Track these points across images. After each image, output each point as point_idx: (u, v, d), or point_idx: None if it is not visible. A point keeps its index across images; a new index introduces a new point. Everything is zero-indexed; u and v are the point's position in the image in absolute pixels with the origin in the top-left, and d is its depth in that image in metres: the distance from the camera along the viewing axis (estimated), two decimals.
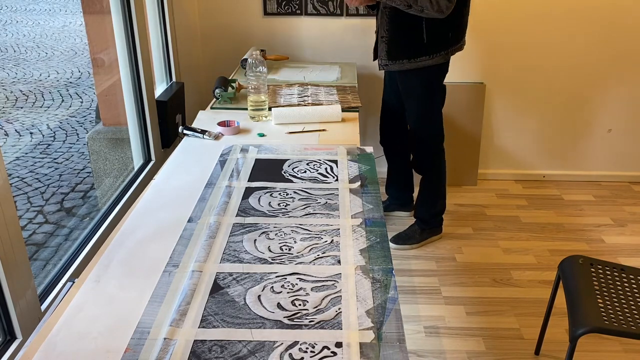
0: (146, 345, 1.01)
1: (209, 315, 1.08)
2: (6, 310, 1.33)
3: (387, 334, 1.03)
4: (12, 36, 8.04)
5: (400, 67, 2.35)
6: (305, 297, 1.14)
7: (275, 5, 3.00)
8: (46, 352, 1.00)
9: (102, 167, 3.06)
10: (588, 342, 2.09)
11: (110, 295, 1.14)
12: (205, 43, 3.11)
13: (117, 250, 1.29)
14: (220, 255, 1.27)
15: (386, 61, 2.38)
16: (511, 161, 3.39)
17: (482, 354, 2.07)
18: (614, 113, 3.23)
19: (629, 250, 2.71)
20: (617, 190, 3.30)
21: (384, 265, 1.24)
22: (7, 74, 6.01)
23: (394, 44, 2.33)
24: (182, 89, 2.65)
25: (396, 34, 2.31)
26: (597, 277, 1.79)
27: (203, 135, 1.94)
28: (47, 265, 2.68)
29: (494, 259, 2.63)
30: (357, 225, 1.40)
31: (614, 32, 3.03)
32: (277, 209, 1.47)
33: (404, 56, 2.32)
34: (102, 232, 1.91)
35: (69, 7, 10.49)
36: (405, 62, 2.33)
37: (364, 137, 3.32)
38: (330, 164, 1.74)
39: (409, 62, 2.32)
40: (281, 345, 1.01)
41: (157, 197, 1.54)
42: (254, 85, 2.07)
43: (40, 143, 4.16)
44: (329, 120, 2.10)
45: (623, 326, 1.57)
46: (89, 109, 4.96)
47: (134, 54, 2.22)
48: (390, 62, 2.36)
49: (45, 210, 3.19)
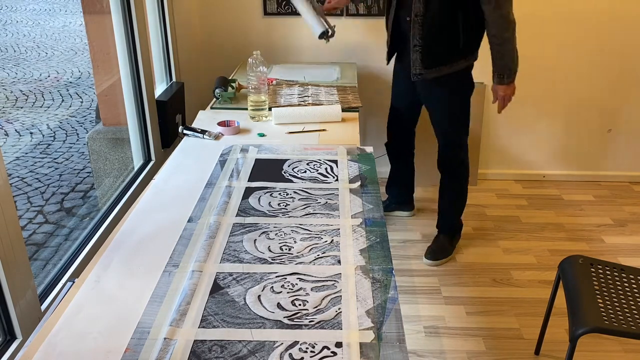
0: (146, 345, 1.01)
1: (209, 315, 1.08)
2: (6, 310, 1.32)
3: (387, 334, 1.03)
4: (12, 36, 8.04)
5: (437, 74, 2.26)
6: (305, 297, 1.14)
7: (275, 5, 3.00)
8: (46, 352, 1.00)
9: (102, 167, 3.06)
10: (588, 342, 2.09)
11: (110, 295, 1.14)
12: (205, 43, 3.11)
13: (117, 250, 1.29)
14: (220, 255, 1.27)
15: (421, 70, 2.26)
16: (511, 161, 3.39)
17: (482, 354, 2.07)
18: (614, 113, 3.23)
19: (629, 250, 2.71)
20: (617, 190, 3.30)
21: (384, 265, 1.24)
22: (7, 74, 6.01)
23: (429, 52, 2.23)
24: (182, 89, 2.65)
25: (433, 42, 2.22)
26: (597, 277, 1.79)
27: (203, 135, 1.94)
28: (47, 265, 2.68)
29: (494, 259, 2.63)
30: (357, 225, 1.40)
31: (614, 33, 3.03)
32: (277, 209, 1.47)
33: (440, 63, 2.24)
34: (102, 232, 1.91)
35: (69, 7, 10.48)
36: (443, 69, 2.25)
37: (364, 137, 3.32)
38: (330, 164, 1.74)
39: (445, 67, 2.25)
40: (281, 345, 1.01)
41: (157, 197, 1.54)
42: (254, 85, 2.07)
43: (40, 143, 4.16)
44: (329, 120, 2.10)
45: (623, 326, 1.57)
46: (89, 109, 4.96)
47: (134, 54, 2.22)
48: (426, 71, 2.26)
49: (45, 210, 3.19)
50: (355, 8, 2.97)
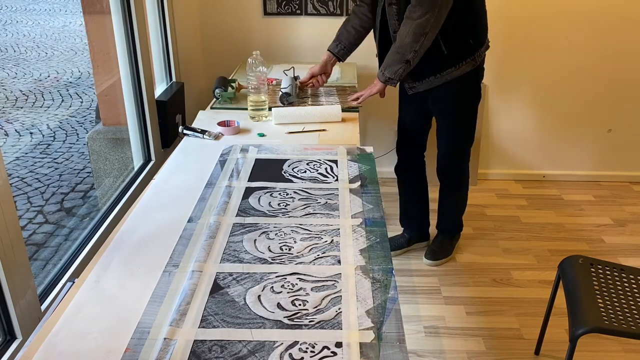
0: (146, 345, 1.01)
1: (209, 315, 1.08)
2: (6, 310, 1.32)
3: (387, 334, 1.03)
4: (12, 36, 8.04)
5: (429, 85, 2.20)
6: (305, 297, 1.14)
7: (275, 5, 3.00)
8: (46, 352, 1.00)
9: (102, 167, 3.06)
10: (588, 342, 2.09)
11: (110, 295, 1.14)
12: (205, 43, 3.11)
13: (117, 250, 1.29)
14: (220, 255, 1.27)
15: (412, 83, 2.23)
16: (511, 161, 3.39)
17: (482, 354, 2.07)
18: (614, 113, 3.23)
19: (629, 250, 2.71)
20: (617, 190, 3.30)
21: (384, 265, 1.24)
22: (7, 74, 6.01)
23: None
24: (182, 89, 2.65)
25: None
26: (597, 277, 1.79)
27: (203, 135, 1.94)
28: (47, 265, 2.68)
29: (494, 259, 2.63)
30: (357, 225, 1.40)
31: (614, 33, 3.03)
32: (277, 209, 1.47)
33: (429, 73, 2.18)
34: (102, 232, 1.91)
35: (69, 7, 10.49)
36: (432, 79, 2.18)
37: (364, 137, 3.32)
38: (330, 164, 1.74)
39: (435, 78, 2.18)
40: (281, 345, 1.01)
41: (157, 197, 1.54)
42: (253, 85, 2.07)
43: (40, 143, 4.16)
44: (329, 120, 2.10)
45: (623, 326, 1.57)
46: (89, 109, 4.96)
47: (134, 54, 2.22)
48: (417, 83, 2.22)
49: (45, 210, 3.19)
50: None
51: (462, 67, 2.16)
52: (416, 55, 2.06)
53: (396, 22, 2.09)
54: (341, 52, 2.30)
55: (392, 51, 2.09)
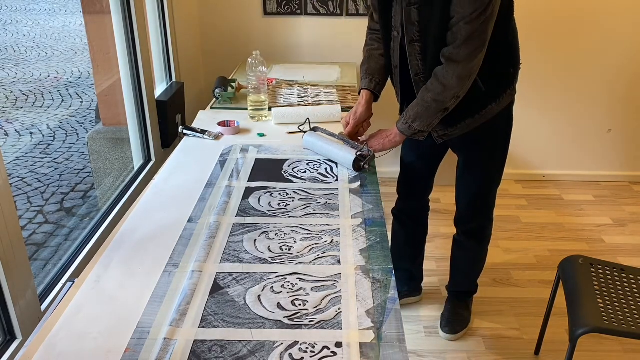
0: (146, 345, 1.01)
1: (209, 315, 1.08)
2: (6, 310, 1.32)
3: (387, 334, 1.03)
4: (12, 36, 8.04)
5: (464, 129, 1.80)
6: (305, 297, 1.14)
7: (275, 5, 3.00)
8: (46, 352, 1.00)
9: (102, 167, 3.06)
10: (588, 342, 2.09)
11: (110, 295, 1.14)
12: (205, 43, 3.11)
13: (117, 250, 1.29)
14: (220, 255, 1.27)
15: (444, 131, 1.82)
16: (511, 161, 3.38)
17: (482, 354, 2.07)
18: (614, 113, 3.23)
19: (629, 250, 2.71)
20: (617, 190, 3.30)
21: (384, 265, 1.24)
22: (7, 74, 6.01)
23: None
24: (182, 89, 2.65)
25: None
26: (597, 277, 1.79)
27: (203, 135, 1.94)
28: (47, 265, 2.68)
29: (494, 259, 2.63)
30: (357, 225, 1.40)
31: (614, 33, 3.03)
32: (277, 209, 1.47)
33: (465, 116, 1.77)
34: (102, 232, 1.91)
35: (69, 7, 10.48)
36: (470, 122, 1.78)
37: None
38: (330, 164, 1.74)
39: (473, 120, 1.78)
40: (281, 345, 1.01)
41: (157, 197, 1.54)
42: (253, 85, 2.07)
43: (40, 143, 4.16)
44: (329, 120, 2.10)
45: (623, 326, 1.57)
46: (89, 109, 4.96)
47: (134, 54, 2.22)
48: (450, 130, 1.81)
49: (45, 210, 3.19)
50: (355, 8, 2.97)
51: (502, 101, 1.79)
52: (457, 101, 1.67)
53: (419, 64, 1.69)
54: (377, 88, 1.89)
55: (423, 99, 1.67)
